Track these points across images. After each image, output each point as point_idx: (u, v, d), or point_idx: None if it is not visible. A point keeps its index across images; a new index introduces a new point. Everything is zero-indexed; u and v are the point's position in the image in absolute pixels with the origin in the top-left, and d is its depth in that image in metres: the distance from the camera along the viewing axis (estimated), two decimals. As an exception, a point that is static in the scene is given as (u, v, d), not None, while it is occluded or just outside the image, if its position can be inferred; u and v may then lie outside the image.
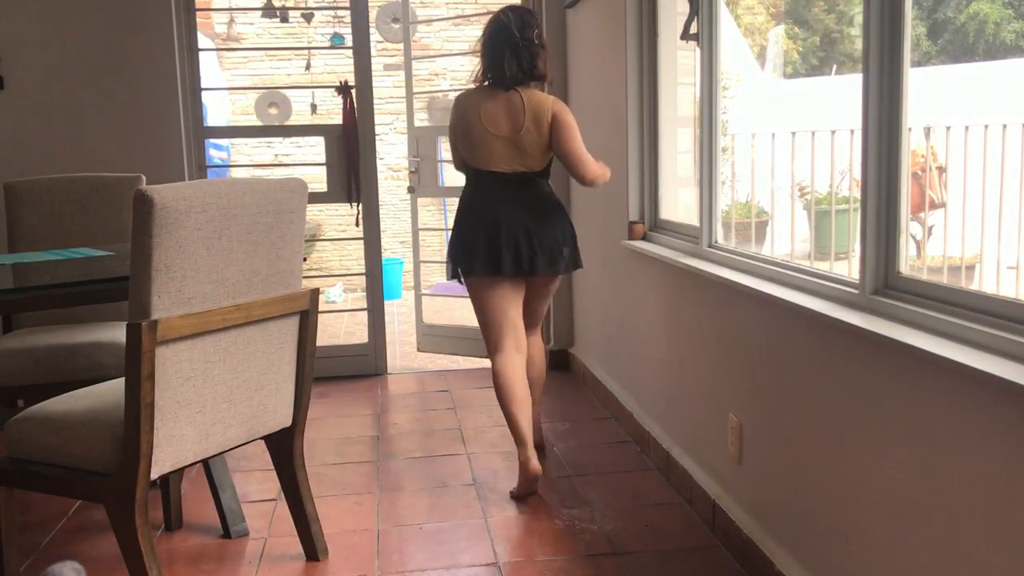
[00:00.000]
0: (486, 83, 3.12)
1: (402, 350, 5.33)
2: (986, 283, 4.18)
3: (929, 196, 4.57)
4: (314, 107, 7.40)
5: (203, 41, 5.80)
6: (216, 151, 6.76)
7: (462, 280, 3.18)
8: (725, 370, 2.60)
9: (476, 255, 3.06)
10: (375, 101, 4.64)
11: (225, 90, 7.94)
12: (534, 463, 2.97)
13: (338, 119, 4.67)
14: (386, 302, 4.98)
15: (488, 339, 3.16)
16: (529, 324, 3.27)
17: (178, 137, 4.22)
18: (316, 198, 4.39)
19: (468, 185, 3.19)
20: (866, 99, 1.89)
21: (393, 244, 8.15)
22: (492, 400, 4.11)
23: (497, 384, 3.10)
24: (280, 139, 8.02)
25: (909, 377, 1.69)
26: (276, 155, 8.12)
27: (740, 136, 5.86)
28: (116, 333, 3.10)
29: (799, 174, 4.93)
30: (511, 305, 3.13)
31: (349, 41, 4.53)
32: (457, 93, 3.36)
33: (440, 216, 7.93)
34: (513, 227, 3.04)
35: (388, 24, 6.68)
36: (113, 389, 2.26)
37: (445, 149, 3.98)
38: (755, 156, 4.93)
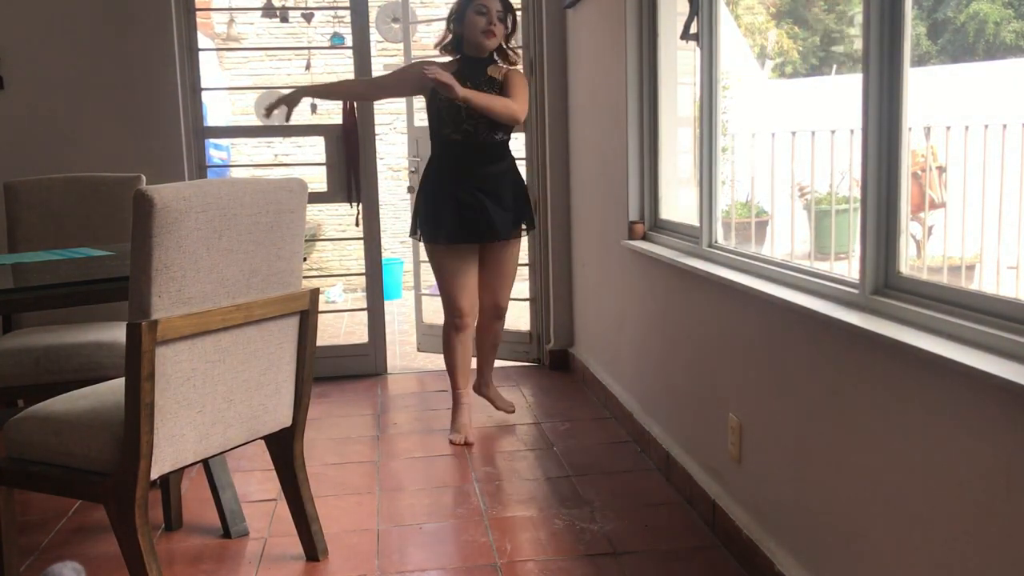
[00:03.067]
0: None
1: (402, 350, 5.33)
2: (986, 283, 4.18)
3: (929, 196, 4.57)
4: (314, 107, 7.40)
5: (203, 41, 5.80)
6: (216, 151, 6.77)
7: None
8: (725, 370, 2.60)
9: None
10: (375, 101, 4.63)
11: (225, 90, 7.95)
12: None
13: (338, 119, 4.66)
14: (386, 302, 4.98)
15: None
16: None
17: (178, 137, 4.21)
18: (316, 198, 4.39)
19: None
20: (866, 99, 1.89)
21: (393, 244, 8.15)
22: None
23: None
24: (280, 139, 8.02)
25: (909, 377, 1.69)
26: (276, 155, 8.13)
27: (740, 136, 5.86)
28: (116, 333, 3.10)
29: (799, 174, 4.93)
30: None
31: (349, 41, 4.53)
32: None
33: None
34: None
35: (388, 24, 6.67)
36: (113, 389, 2.26)
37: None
38: (755, 156, 4.94)
